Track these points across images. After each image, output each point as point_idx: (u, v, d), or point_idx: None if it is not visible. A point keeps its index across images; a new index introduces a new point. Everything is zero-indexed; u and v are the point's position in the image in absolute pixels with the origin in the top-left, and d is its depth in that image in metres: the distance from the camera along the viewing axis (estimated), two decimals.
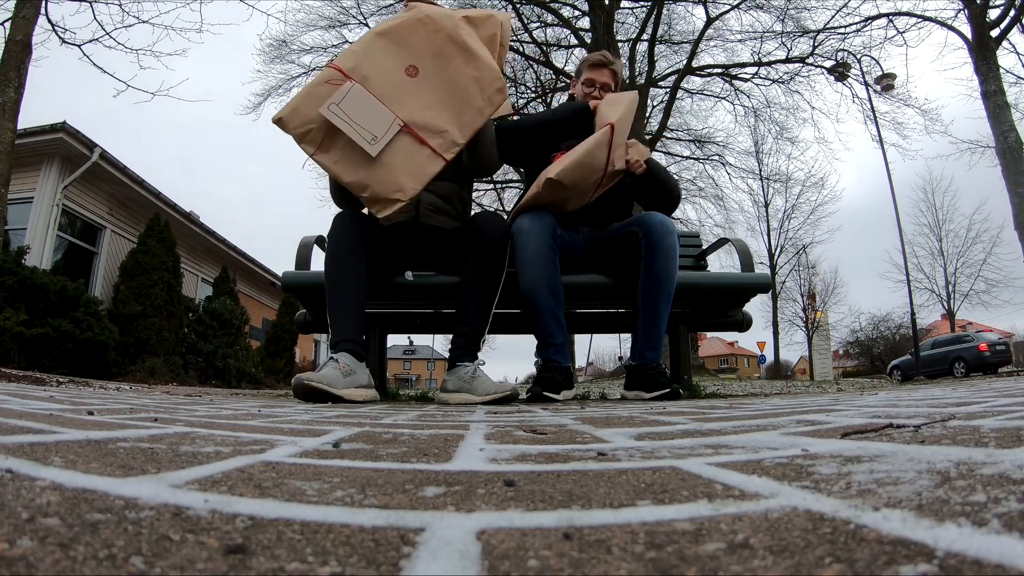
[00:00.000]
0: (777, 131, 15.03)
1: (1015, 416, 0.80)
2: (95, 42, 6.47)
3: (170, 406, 1.38)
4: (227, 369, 9.34)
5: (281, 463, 0.52)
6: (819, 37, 12.54)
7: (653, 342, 2.22)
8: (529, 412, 1.41)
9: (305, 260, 2.40)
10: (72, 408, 1.08)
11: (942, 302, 24.51)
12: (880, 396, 1.88)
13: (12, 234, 7.48)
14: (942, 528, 0.27)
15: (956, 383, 4.11)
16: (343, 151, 1.85)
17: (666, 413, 1.21)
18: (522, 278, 2.10)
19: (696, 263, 2.93)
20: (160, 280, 8.58)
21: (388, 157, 1.84)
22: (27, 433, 0.64)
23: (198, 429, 0.79)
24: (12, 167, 4.81)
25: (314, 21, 12.76)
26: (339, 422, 1.00)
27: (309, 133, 1.85)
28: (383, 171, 1.84)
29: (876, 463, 0.47)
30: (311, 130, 1.84)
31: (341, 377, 1.79)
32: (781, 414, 1.06)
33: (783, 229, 23.26)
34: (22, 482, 0.37)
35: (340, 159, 1.85)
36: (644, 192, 2.38)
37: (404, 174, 1.85)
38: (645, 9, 13.13)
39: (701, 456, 0.56)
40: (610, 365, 42.59)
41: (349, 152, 1.85)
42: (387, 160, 1.84)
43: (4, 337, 5.90)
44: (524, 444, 0.69)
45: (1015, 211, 8.95)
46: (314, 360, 17.21)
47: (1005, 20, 9.73)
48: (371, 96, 1.87)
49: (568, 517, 0.33)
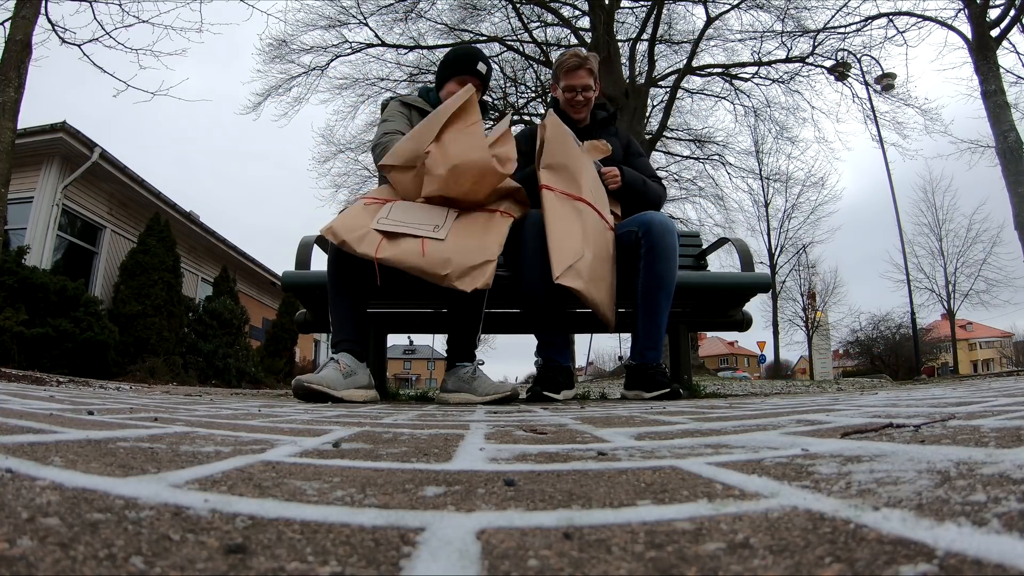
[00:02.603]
0: (777, 131, 15.04)
1: (1015, 416, 0.80)
2: (95, 42, 6.47)
3: (170, 406, 1.38)
4: (227, 369, 9.34)
5: (281, 463, 0.52)
6: (819, 37, 12.54)
7: (653, 342, 2.22)
8: (529, 412, 1.41)
9: (305, 260, 2.40)
10: (72, 408, 1.08)
11: (942, 302, 24.51)
12: (880, 396, 1.88)
13: (12, 234, 7.48)
14: (942, 528, 0.27)
15: (956, 383, 4.11)
16: (403, 248, 1.85)
17: (666, 413, 1.21)
18: (521, 278, 2.10)
19: (696, 263, 2.93)
20: (160, 280, 8.58)
21: (457, 237, 1.89)
22: (27, 433, 0.64)
23: (198, 429, 0.79)
24: (12, 167, 4.81)
25: (314, 21, 12.77)
26: (339, 422, 1.00)
27: (364, 238, 1.85)
28: (458, 247, 1.86)
29: (876, 463, 0.47)
30: (364, 235, 1.86)
31: (341, 378, 1.79)
32: (781, 414, 1.06)
33: (783, 229, 23.23)
34: (22, 482, 0.37)
35: (402, 252, 1.85)
36: (626, 200, 2.39)
37: (484, 240, 1.90)
38: (645, 9, 13.13)
39: (701, 456, 0.56)
40: (610, 365, 42.57)
41: (411, 246, 1.85)
42: (458, 239, 1.88)
43: (4, 337, 5.90)
44: (524, 444, 0.69)
45: (1015, 211, 8.95)
46: (314, 360, 17.20)
47: (1005, 20, 9.73)
48: (415, 204, 1.98)
49: (568, 517, 0.33)
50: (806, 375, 25.17)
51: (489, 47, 13.21)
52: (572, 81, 2.39)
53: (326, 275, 2.02)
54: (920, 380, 9.02)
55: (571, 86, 2.39)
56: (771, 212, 22.94)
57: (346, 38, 12.98)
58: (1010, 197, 9.06)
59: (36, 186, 8.10)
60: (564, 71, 2.41)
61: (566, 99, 2.41)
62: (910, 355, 17.63)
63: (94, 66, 6.48)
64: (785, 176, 19.21)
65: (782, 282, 23.79)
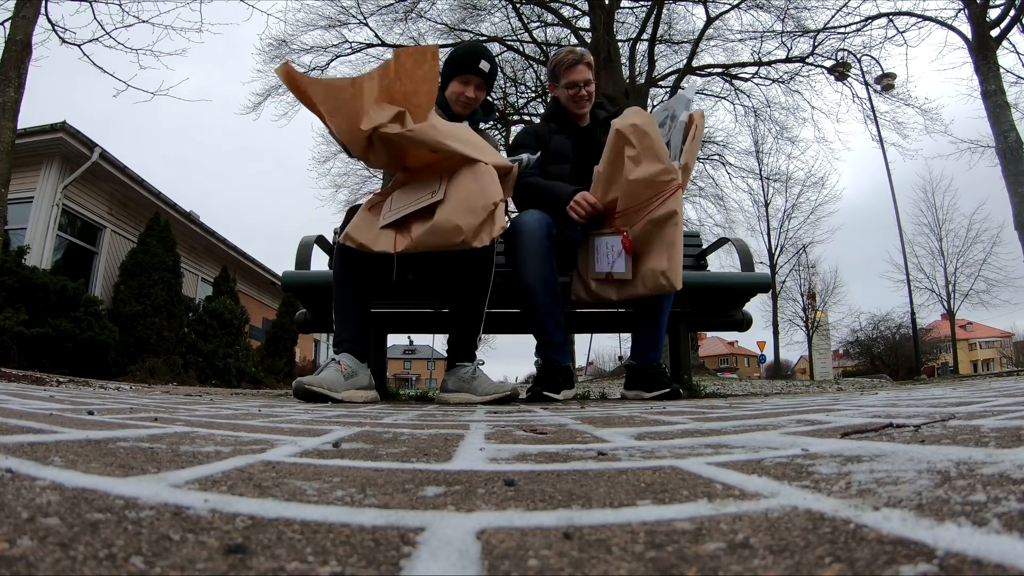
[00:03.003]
0: (777, 131, 15.05)
1: (1015, 416, 0.80)
2: (95, 42, 6.48)
3: (170, 406, 1.38)
4: (227, 369, 9.34)
5: (281, 463, 0.52)
6: (819, 37, 12.55)
7: (653, 342, 2.22)
8: (529, 412, 1.41)
9: (305, 260, 2.40)
10: (72, 408, 1.08)
11: (942, 302, 24.50)
12: (880, 396, 1.88)
13: (12, 234, 7.48)
14: (942, 528, 0.27)
15: (956, 383, 4.11)
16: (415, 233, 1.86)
17: (666, 413, 1.21)
18: (519, 278, 2.10)
19: (696, 263, 2.93)
20: (160, 280, 8.58)
21: (456, 189, 1.87)
22: (27, 433, 0.64)
23: (198, 429, 0.79)
24: (12, 167, 4.81)
25: (314, 21, 12.78)
26: (339, 422, 1.00)
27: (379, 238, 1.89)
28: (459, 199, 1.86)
29: (876, 463, 0.47)
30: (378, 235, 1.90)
31: (342, 379, 1.79)
32: (781, 414, 1.06)
33: (783, 229, 23.22)
34: (22, 482, 0.37)
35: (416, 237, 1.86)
36: None
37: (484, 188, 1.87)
38: (645, 9, 13.13)
39: (701, 456, 0.56)
40: (610, 365, 42.53)
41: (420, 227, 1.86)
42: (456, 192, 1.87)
43: (4, 337, 5.90)
44: (524, 444, 0.69)
45: (1015, 211, 8.95)
46: (314, 360, 17.20)
47: (1005, 20, 9.73)
48: (409, 185, 1.98)
49: (568, 517, 0.33)
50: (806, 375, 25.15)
51: (489, 47, 13.19)
52: (574, 77, 2.38)
53: (330, 275, 2.02)
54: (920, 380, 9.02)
55: (573, 82, 2.38)
56: (771, 212, 22.94)
57: (346, 38, 12.99)
58: (1010, 197, 9.06)
59: (36, 186, 8.10)
60: (564, 68, 2.40)
61: (569, 96, 2.40)
62: (910, 355, 17.61)
63: (94, 66, 6.49)
64: (785, 176, 19.23)
65: (782, 282, 23.78)
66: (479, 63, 2.25)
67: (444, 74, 2.34)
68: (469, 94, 2.24)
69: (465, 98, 2.24)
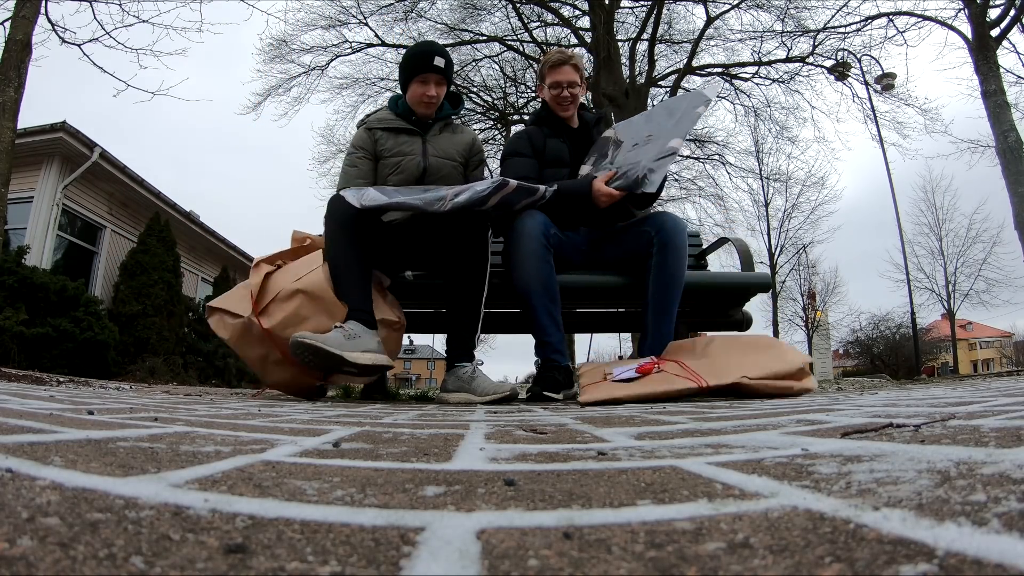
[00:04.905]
0: (777, 131, 15.00)
1: (1015, 416, 0.80)
2: (95, 42, 6.47)
3: (170, 406, 1.38)
4: (227, 368, 9.34)
5: (281, 462, 0.52)
6: (819, 36, 12.52)
7: (660, 343, 2.22)
8: (529, 411, 1.41)
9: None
10: (72, 408, 1.08)
11: (942, 302, 24.47)
12: (880, 396, 1.88)
13: (12, 234, 7.47)
14: (942, 528, 0.27)
15: (956, 382, 4.11)
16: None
17: (666, 413, 1.21)
18: (516, 278, 2.10)
19: (696, 262, 2.93)
20: (160, 280, 8.58)
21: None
22: (27, 433, 0.64)
23: (198, 428, 0.79)
24: (12, 167, 4.80)
25: (314, 20, 12.74)
26: (339, 421, 1.00)
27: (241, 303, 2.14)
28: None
29: (876, 462, 0.47)
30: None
31: (345, 340, 1.70)
32: (781, 414, 1.06)
33: (783, 228, 23.17)
34: (22, 482, 0.37)
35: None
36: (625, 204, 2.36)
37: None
38: (645, 9, 13.11)
39: (701, 456, 0.56)
40: None
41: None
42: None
43: (4, 337, 5.90)
44: (524, 443, 0.69)
45: (1015, 211, 8.94)
46: None
47: (1005, 20, 9.72)
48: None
49: (568, 517, 0.33)
50: None
51: (489, 47, 13.19)
52: (557, 77, 2.37)
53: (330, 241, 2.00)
54: (920, 380, 9.02)
55: (556, 82, 2.37)
56: (771, 212, 22.88)
57: (346, 38, 12.96)
58: (1010, 197, 9.05)
59: (36, 186, 8.10)
60: (548, 67, 2.40)
61: (552, 96, 2.40)
62: (910, 355, 17.60)
63: (94, 66, 6.47)
64: (785, 176, 19.18)
65: (782, 282, 23.75)
66: (433, 60, 2.23)
67: (402, 79, 2.31)
68: (431, 92, 2.24)
69: (427, 97, 2.24)
